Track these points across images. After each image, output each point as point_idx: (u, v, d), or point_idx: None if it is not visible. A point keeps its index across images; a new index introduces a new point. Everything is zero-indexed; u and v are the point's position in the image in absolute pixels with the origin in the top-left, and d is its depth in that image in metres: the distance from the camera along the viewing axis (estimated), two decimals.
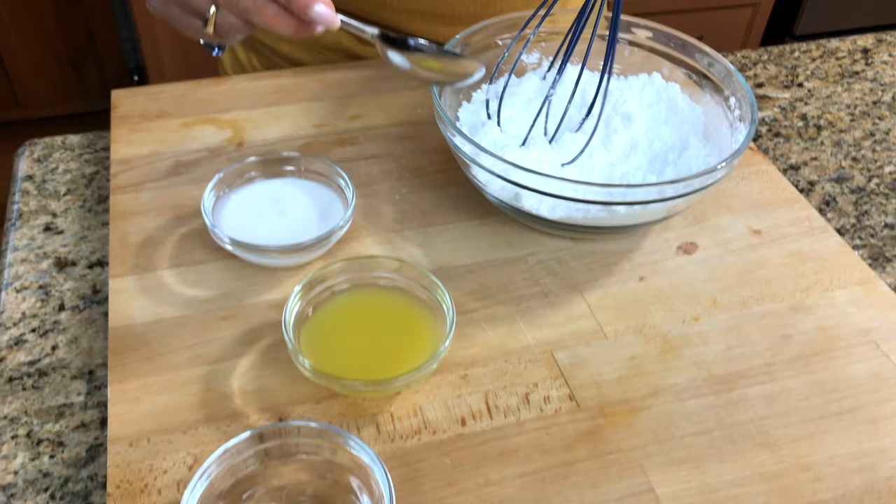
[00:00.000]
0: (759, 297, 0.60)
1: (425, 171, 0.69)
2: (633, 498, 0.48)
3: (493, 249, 0.62)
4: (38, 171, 0.71)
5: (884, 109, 0.82)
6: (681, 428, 0.51)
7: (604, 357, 0.55)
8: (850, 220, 0.70)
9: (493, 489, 0.48)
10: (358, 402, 0.52)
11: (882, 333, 0.58)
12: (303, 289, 0.53)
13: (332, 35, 0.81)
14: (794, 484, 0.49)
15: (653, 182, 0.56)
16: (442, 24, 0.81)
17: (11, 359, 0.56)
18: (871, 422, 0.52)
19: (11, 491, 0.49)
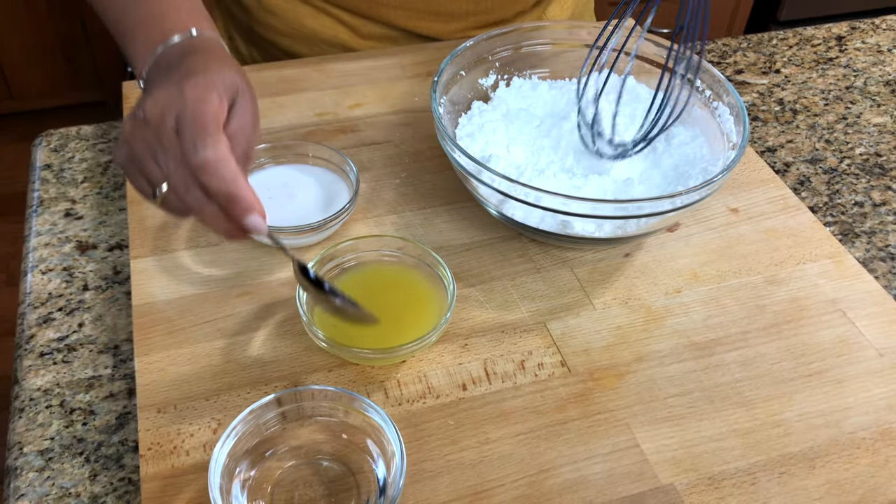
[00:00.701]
0: (737, 271, 0.64)
1: (424, 156, 0.73)
2: (620, 453, 0.52)
3: (488, 229, 0.67)
4: (56, 160, 0.74)
5: (856, 94, 0.87)
6: (663, 390, 0.56)
7: (592, 327, 0.60)
8: (823, 198, 0.74)
9: (493, 446, 0.52)
10: (367, 370, 0.56)
11: (848, 303, 0.62)
12: (315, 265, 0.58)
13: (331, 30, 0.85)
14: (766, 438, 0.53)
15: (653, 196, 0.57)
16: (437, 21, 0.84)
17: (41, 336, 0.60)
18: (837, 382, 0.57)
19: (49, 455, 0.53)
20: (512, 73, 0.74)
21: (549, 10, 0.90)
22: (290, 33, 0.86)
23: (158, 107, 0.48)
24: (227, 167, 0.47)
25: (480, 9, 0.83)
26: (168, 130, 0.48)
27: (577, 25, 0.73)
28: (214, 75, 0.50)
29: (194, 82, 0.49)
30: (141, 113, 0.49)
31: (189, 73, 0.50)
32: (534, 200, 0.58)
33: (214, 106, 0.48)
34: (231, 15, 0.90)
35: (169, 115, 0.48)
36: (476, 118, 0.70)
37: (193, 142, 0.47)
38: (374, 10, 0.82)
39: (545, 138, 0.69)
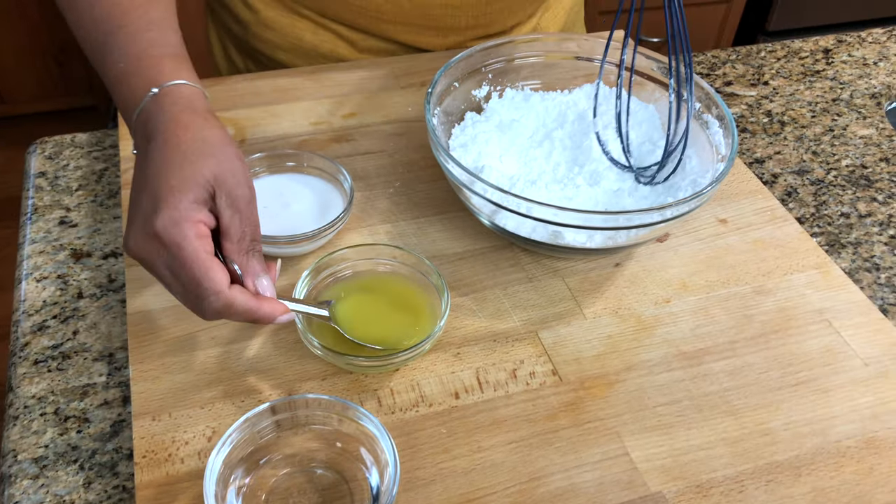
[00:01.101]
0: (725, 281, 0.65)
1: (417, 166, 0.74)
2: (610, 461, 0.53)
3: (481, 238, 0.67)
4: (50, 168, 0.75)
5: (842, 106, 0.88)
6: (653, 399, 0.57)
7: (583, 336, 0.60)
8: (810, 209, 0.76)
9: (485, 455, 0.53)
10: (360, 379, 0.57)
11: (834, 313, 0.63)
12: (310, 274, 0.58)
13: (329, 44, 0.85)
14: (753, 447, 0.54)
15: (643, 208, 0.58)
16: (436, 36, 0.85)
17: (36, 343, 0.60)
18: (823, 391, 0.58)
19: (43, 463, 0.53)
20: (505, 85, 0.75)
21: (543, 20, 0.92)
22: (287, 48, 0.86)
23: (143, 255, 0.49)
24: (239, 303, 0.49)
25: (479, 22, 0.84)
26: (168, 281, 0.49)
27: (567, 38, 0.74)
28: (186, 190, 0.48)
29: (167, 219, 0.47)
30: (132, 251, 0.49)
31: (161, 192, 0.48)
32: (525, 211, 0.59)
33: (194, 243, 0.47)
34: (227, 28, 0.90)
35: (160, 267, 0.48)
36: (469, 129, 0.71)
37: (197, 296, 0.48)
38: (374, 24, 0.83)
39: (537, 149, 0.70)
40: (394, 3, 0.80)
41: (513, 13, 0.85)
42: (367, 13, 0.81)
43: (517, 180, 0.65)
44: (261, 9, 0.83)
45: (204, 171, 0.49)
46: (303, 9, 0.83)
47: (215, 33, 0.93)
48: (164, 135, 0.50)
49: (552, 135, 0.71)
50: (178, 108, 0.52)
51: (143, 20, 0.56)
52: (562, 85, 0.76)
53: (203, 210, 0.49)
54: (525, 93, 0.75)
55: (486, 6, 0.82)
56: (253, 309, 0.50)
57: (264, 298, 0.51)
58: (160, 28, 0.57)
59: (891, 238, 0.72)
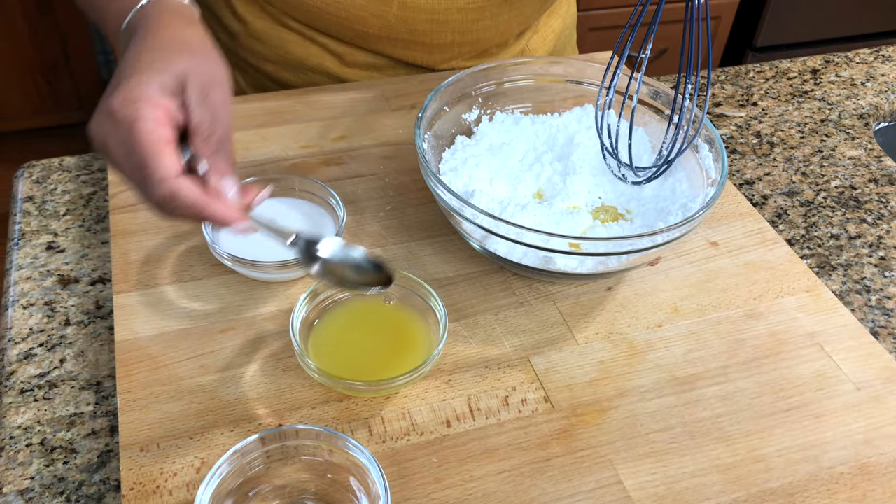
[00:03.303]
0: (716, 305, 0.65)
1: (408, 189, 0.74)
2: (603, 490, 0.53)
3: (472, 262, 0.67)
4: (38, 192, 0.74)
5: (831, 127, 0.89)
6: (645, 426, 0.56)
7: (575, 361, 0.60)
8: (800, 231, 0.76)
9: (477, 484, 0.52)
10: (351, 407, 0.56)
11: (826, 336, 0.63)
12: (308, 297, 0.58)
13: (317, 57, 0.85)
14: (746, 474, 0.54)
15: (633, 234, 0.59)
16: (423, 51, 0.85)
17: (22, 372, 0.59)
18: (816, 417, 0.58)
19: (29, 495, 0.53)
20: (495, 108, 0.75)
21: (531, 43, 0.92)
22: (275, 59, 0.86)
23: (98, 134, 0.48)
24: (185, 194, 0.46)
25: (466, 40, 0.84)
26: (119, 162, 0.47)
27: (556, 61, 0.75)
28: (153, 74, 0.47)
29: (125, 96, 0.46)
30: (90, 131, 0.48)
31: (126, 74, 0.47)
32: (516, 237, 0.58)
33: (149, 124, 0.46)
34: (216, 39, 0.90)
35: (113, 147, 0.47)
36: (460, 153, 0.71)
37: (143, 179, 0.46)
38: (360, 38, 0.83)
39: (527, 172, 0.70)
40: (379, 18, 0.80)
41: (499, 32, 0.85)
42: (353, 27, 0.81)
43: (507, 204, 0.65)
44: (250, 20, 0.84)
45: (176, 60, 0.48)
46: (291, 21, 0.83)
47: None
48: (145, 31, 0.50)
49: (542, 158, 0.71)
50: (165, 13, 0.51)
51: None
52: (552, 108, 0.76)
53: (168, 97, 0.47)
54: (515, 116, 0.75)
55: (471, 23, 0.82)
56: (200, 204, 0.47)
57: (218, 198, 0.48)
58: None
59: (881, 260, 0.73)
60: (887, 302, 0.68)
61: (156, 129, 0.46)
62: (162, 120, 0.47)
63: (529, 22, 0.88)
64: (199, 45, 0.50)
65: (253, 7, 0.83)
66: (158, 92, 0.47)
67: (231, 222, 0.48)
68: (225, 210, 0.48)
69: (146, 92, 0.46)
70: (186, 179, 0.47)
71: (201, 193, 0.47)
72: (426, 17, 0.81)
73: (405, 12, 0.80)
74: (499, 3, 0.81)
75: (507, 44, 0.89)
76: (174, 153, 0.47)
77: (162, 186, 0.46)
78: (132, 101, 0.46)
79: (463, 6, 0.80)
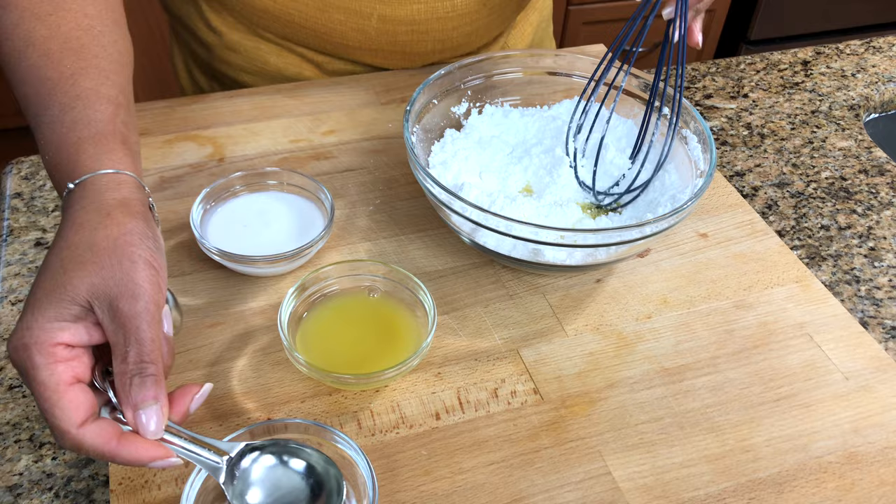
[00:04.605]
0: (706, 296, 0.65)
1: (397, 183, 0.74)
2: (592, 480, 0.53)
3: (461, 255, 0.67)
4: (26, 188, 0.74)
5: (821, 118, 0.89)
6: (634, 416, 0.56)
7: (565, 353, 0.60)
8: (790, 222, 0.76)
9: (466, 476, 0.52)
10: (340, 400, 0.56)
11: (815, 327, 0.63)
12: (296, 291, 0.58)
13: (295, 67, 0.85)
14: (735, 464, 0.54)
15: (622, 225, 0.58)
16: (402, 59, 0.84)
17: (10, 368, 0.59)
18: (805, 406, 0.58)
19: (18, 491, 0.52)
20: (484, 101, 0.75)
21: (510, 38, 0.92)
22: (252, 70, 0.85)
23: (13, 362, 0.43)
24: (88, 445, 0.42)
25: (446, 47, 0.84)
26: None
27: (546, 53, 0.74)
28: (49, 307, 0.42)
29: (17, 342, 0.42)
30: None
31: (28, 304, 0.43)
32: (505, 229, 0.58)
33: (42, 373, 0.41)
34: (191, 51, 0.89)
35: (22, 372, 0.43)
36: (449, 146, 0.71)
37: (49, 426, 0.42)
38: (340, 50, 0.82)
39: (517, 165, 0.70)
40: (359, 31, 0.79)
41: (479, 36, 0.85)
42: (332, 40, 0.81)
43: (497, 197, 0.65)
44: (225, 32, 0.82)
45: (76, 282, 0.43)
46: (267, 33, 0.82)
47: (180, 56, 0.92)
48: (57, 238, 0.45)
49: (531, 151, 0.71)
50: (80, 206, 0.46)
51: (68, 95, 0.51)
52: (541, 101, 0.76)
53: (69, 328, 0.42)
54: (504, 109, 0.75)
55: (451, 31, 0.82)
56: (108, 454, 0.42)
57: (131, 440, 0.43)
58: (87, 100, 0.51)
59: (870, 250, 0.73)
60: (876, 292, 0.69)
61: (51, 377, 0.42)
62: (61, 359, 0.42)
63: (508, 23, 0.88)
64: (109, 250, 0.44)
65: (227, 19, 0.81)
66: (57, 327, 0.42)
67: (145, 463, 0.44)
68: (137, 453, 0.43)
69: (37, 335, 0.42)
70: (92, 425, 0.42)
71: (108, 439, 0.42)
72: (406, 29, 0.80)
73: (385, 25, 0.79)
74: (477, 9, 0.80)
75: (487, 44, 0.89)
76: (77, 396, 0.42)
77: (65, 439, 0.42)
78: (24, 347, 0.42)
79: (442, 15, 0.80)
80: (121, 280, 0.43)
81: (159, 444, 0.44)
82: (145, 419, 0.43)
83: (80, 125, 0.50)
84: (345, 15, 0.78)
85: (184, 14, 0.84)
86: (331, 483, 0.47)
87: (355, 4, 0.77)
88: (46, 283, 0.43)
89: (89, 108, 0.50)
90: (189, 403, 0.46)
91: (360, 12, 0.78)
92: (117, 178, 0.48)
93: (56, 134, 0.50)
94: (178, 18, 0.86)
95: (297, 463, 0.47)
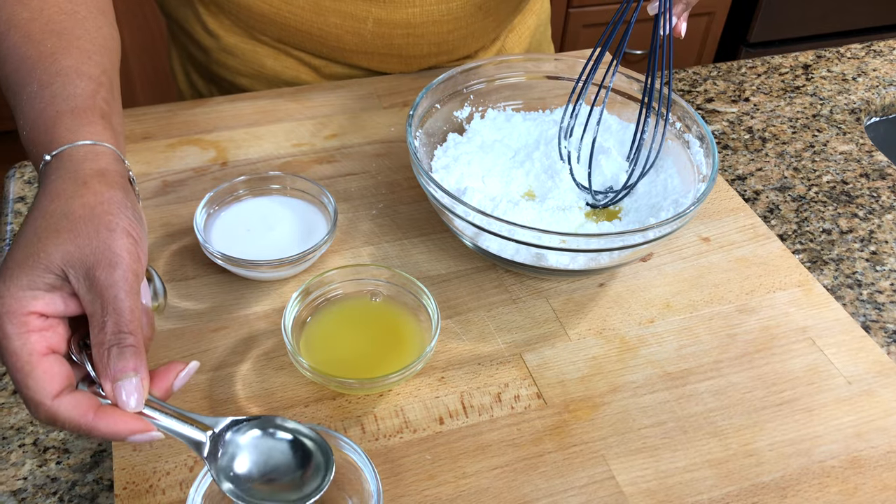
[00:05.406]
0: (709, 300, 0.66)
1: (400, 187, 0.74)
2: (596, 485, 0.53)
3: (464, 260, 0.67)
4: (30, 192, 0.74)
5: (822, 122, 0.89)
6: (638, 421, 0.57)
7: (568, 357, 0.60)
8: (792, 226, 0.76)
9: (470, 481, 0.52)
10: (344, 405, 0.56)
11: (818, 331, 0.64)
12: (300, 295, 0.58)
13: (292, 70, 0.85)
14: (738, 468, 0.54)
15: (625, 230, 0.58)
16: (398, 63, 0.85)
17: None
18: (807, 411, 0.58)
19: (22, 496, 0.53)
20: (486, 105, 0.75)
21: (507, 42, 0.92)
22: (250, 73, 0.86)
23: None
24: (64, 418, 0.41)
25: (442, 49, 0.84)
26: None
27: (548, 58, 0.75)
28: (22, 275, 0.41)
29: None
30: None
31: (2, 269, 0.42)
32: (507, 234, 0.58)
33: (15, 342, 0.40)
34: (189, 54, 0.89)
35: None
36: (451, 150, 0.71)
37: (23, 399, 0.41)
38: (336, 53, 0.83)
39: (519, 169, 0.70)
40: (355, 34, 0.80)
41: (475, 39, 0.85)
42: (328, 43, 0.81)
43: (500, 201, 0.65)
44: (222, 35, 0.83)
45: (50, 249, 0.41)
46: (263, 36, 0.82)
47: (178, 59, 0.92)
48: (31, 208, 0.44)
49: (533, 155, 0.71)
50: (56, 176, 0.45)
51: (48, 73, 0.50)
52: (543, 104, 0.76)
53: (43, 297, 0.41)
54: (507, 113, 0.75)
55: (447, 34, 0.82)
56: (84, 427, 0.41)
57: (110, 413, 0.41)
58: (66, 77, 0.50)
59: (872, 254, 0.73)
60: (878, 296, 0.69)
61: (24, 347, 0.40)
62: (34, 329, 0.41)
63: (504, 26, 0.88)
64: (85, 218, 0.42)
65: (224, 22, 0.81)
66: (30, 296, 0.41)
67: (124, 437, 0.42)
68: (115, 426, 0.41)
69: (9, 304, 0.41)
70: (67, 397, 0.41)
71: (84, 411, 0.41)
72: (402, 32, 0.80)
73: (381, 28, 0.79)
74: (473, 12, 0.81)
75: (484, 48, 0.89)
76: (52, 367, 0.41)
77: (39, 411, 0.41)
78: (4, 313, 0.40)
79: (437, 19, 0.80)
80: (97, 248, 0.42)
81: (139, 417, 0.42)
82: (125, 391, 0.41)
83: (59, 99, 0.48)
84: (340, 18, 0.78)
85: (181, 17, 0.84)
86: (318, 456, 0.45)
87: (351, 8, 0.77)
88: (19, 253, 0.42)
89: (69, 84, 0.49)
90: (173, 380, 0.45)
91: (356, 16, 0.78)
92: (95, 149, 0.46)
93: (34, 110, 0.48)
94: (176, 21, 0.86)
95: (284, 435, 0.46)
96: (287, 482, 0.45)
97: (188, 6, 0.82)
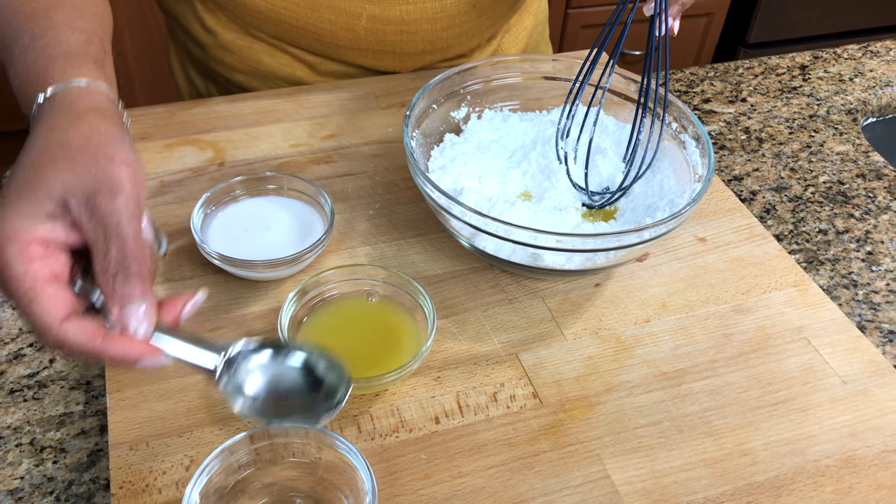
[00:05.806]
0: (704, 300, 0.66)
1: (397, 187, 0.74)
2: (591, 484, 0.53)
3: (460, 260, 0.67)
4: None
5: (819, 123, 0.89)
6: (633, 420, 0.57)
7: (564, 357, 0.61)
8: (788, 226, 0.76)
9: (465, 480, 0.53)
10: None
11: (813, 331, 0.64)
12: (296, 295, 0.58)
13: (288, 67, 0.85)
14: (733, 468, 0.54)
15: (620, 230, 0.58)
16: (392, 60, 0.85)
17: (12, 372, 0.59)
18: (802, 410, 0.58)
19: (19, 495, 0.53)
20: (483, 106, 0.75)
21: (504, 42, 0.92)
22: (246, 70, 0.86)
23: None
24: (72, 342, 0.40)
25: (436, 47, 0.84)
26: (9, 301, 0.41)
27: (545, 58, 0.75)
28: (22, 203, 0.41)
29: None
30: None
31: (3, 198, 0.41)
32: (504, 234, 0.59)
33: (19, 268, 0.40)
34: (186, 51, 0.90)
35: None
36: (448, 150, 0.71)
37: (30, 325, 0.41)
38: (331, 50, 0.83)
39: (516, 169, 0.71)
40: (349, 31, 0.80)
41: (470, 37, 0.85)
42: (323, 40, 0.81)
43: (496, 201, 0.65)
44: (219, 32, 0.83)
45: (49, 177, 0.41)
46: (260, 32, 0.82)
47: (176, 55, 0.93)
48: (30, 138, 0.43)
49: (530, 155, 0.71)
50: (53, 113, 0.44)
51: (40, 26, 0.49)
52: (540, 105, 0.76)
53: (45, 225, 0.41)
54: (504, 113, 0.75)
55: (440, 32, 0.82)
56: (93, 349, 0.41)
57: (118, 337, 0.41)
58: (58, 29, 0.49)
59: (868, 255, 0.73)
60: (874, 296, 0.69)
61: (27, 273, 0.40)
62: (36, 257, 0.40)
63: (499, 25, 0.88)
64: (83, 147, 0.42)
65: (221, 19, 0.82)
66: (30, 223, 0.40)
67: (134, 361, 0.42)
68: (124, 349, 0.41)
69: (12, 230, 0.40)
70: (75, 321, 0.41)
71: (93, 335, 0.41)
72: (396, 29, 0.81)
73: (374, 25, 0.79)
74: (467, 10, 0.81)
75: (479, 47, 0.89)
76: (57, 292, 0.41)
77: (47, 336, 0.40)
78: (5, 239, 0.40)
79: (431, 16, 0.80)
80: (97, 176, 0.41)
81: (148, 342, 0.42)
82: (134, 317, 0.41)
83: (51, 47, 0.48)
84: (334, 14, 0.78)
85: (179, 14, 0.85)
86: (331, 378, 0.45)
87: (345, 4, 0.78)
88: (17, 183, 0.41)
89: (61, 35, 0.49)
90: (181, 310, 0.44)
91: (350, 12, 0.78)
92: (89, 88, 0.46)
93: (25, 61, 0.48)
94: (174, 18, 0.86)
95: (298, 357, 0.46)
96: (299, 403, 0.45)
97: (186, 3, 0.82)
